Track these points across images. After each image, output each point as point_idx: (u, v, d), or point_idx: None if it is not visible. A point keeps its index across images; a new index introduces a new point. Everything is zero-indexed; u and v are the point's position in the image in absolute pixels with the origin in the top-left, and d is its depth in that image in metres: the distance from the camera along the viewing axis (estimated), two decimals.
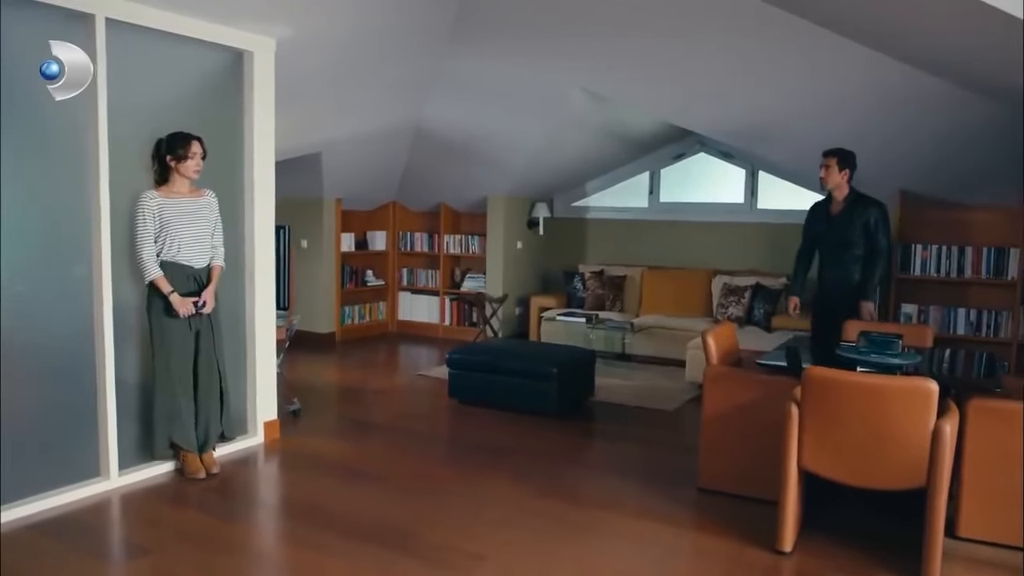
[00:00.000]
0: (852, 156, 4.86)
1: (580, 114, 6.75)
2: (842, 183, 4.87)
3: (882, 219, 4.84)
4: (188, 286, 4.14)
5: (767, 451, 3.81)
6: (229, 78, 4.61)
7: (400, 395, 6.39)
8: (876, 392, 3.09)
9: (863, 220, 4.82)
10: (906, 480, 3.11)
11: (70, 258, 3.97)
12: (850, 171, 4.86)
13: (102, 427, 4.03)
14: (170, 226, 4.05)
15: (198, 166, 4.11)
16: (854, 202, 4.90)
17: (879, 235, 4.82)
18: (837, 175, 4.84)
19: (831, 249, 4.99)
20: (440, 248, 8.95)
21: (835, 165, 4.83)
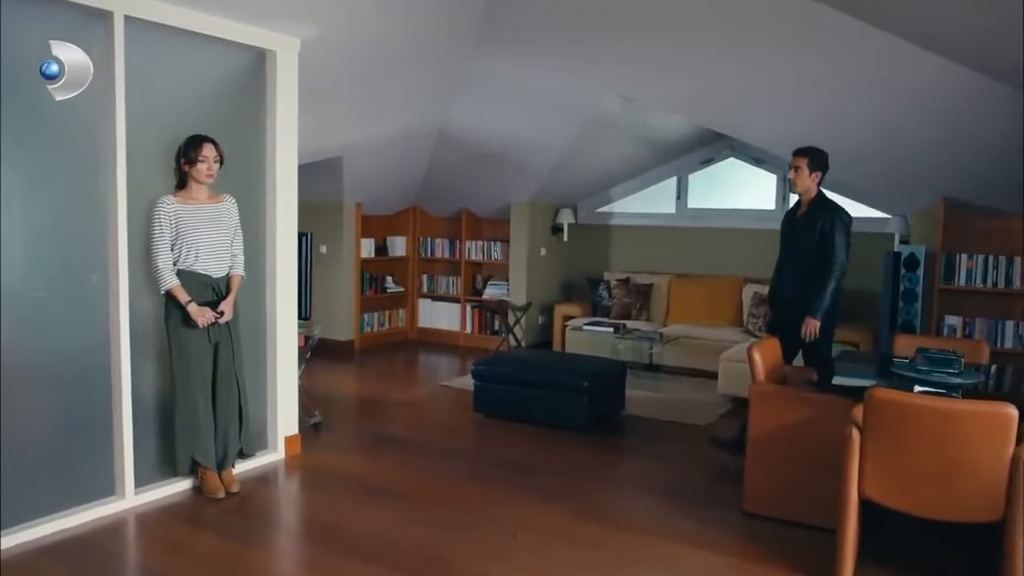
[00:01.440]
0: (824, 157, 4.53)
1: (610, 118, 6.54)
2: (811, 186, 4.54)
3: (839, 227, 4.42)
4: (206, 296, 3.95)
5: (819, 475, 3.61)
6: (251, 79, 4.43)
7: (423, 407, 6.19)
8: (949, 417, 2.86)
9: (819, 226, 4.46)
10: (981, 513, 2.88)
11: (87, 265, 3.80)
12: (821, 173, 4.53)
13: (118, 443, 3.85)
14: (186, 233, 3.86)
15: (210, 170, 3.91)
16: (816, 207, 4.55)
17: (833, 243, 4.40)
18: (807, 177, 4.51)
19: (791, 257, 4.69)
20: (461, 254, 8.76)
21: (805, 166, 4.50)
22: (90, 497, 3.79)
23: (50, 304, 3.66)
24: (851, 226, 4.50)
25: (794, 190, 4.62)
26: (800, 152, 4.55)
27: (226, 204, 4.07)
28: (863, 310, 7.02)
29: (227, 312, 3.99)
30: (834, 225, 4.40)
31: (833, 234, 4.40)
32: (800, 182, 4.54)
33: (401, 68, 5.56)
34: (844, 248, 4.42)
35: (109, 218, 3.76)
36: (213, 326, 3.94)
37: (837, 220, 4.42)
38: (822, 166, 4.52)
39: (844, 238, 4.42)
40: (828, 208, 4.50)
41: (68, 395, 3.77)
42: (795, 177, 4.55)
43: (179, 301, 3.84)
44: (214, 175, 3.94)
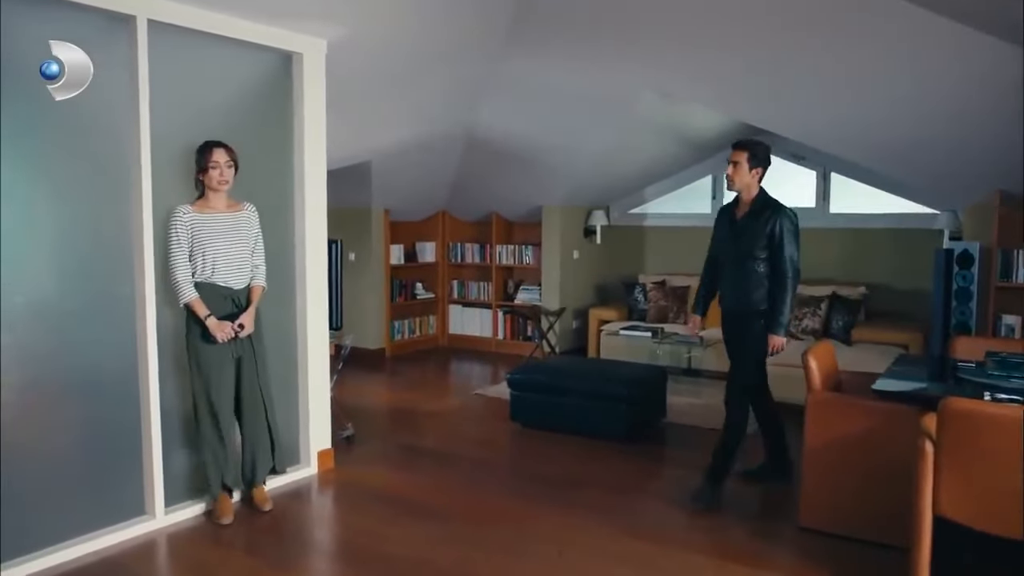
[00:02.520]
0: (765, 151, 4.11)
1: (645, 117, 6.35)
2: (751, 183, 4.06)
3: (790, 229, 3.96)
4: (226, 308, 3.77)
5: (881, 488, 3.40)
6: (278, 82, 4.30)
7: (458, 417, 6.02)
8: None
9: (767, 229, 3.96)
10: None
11: (113, 276, 3.67)
12: (762, 169, 4.07)
13: (147, 460, 3.73)
14: (203, 244, 3.70)
15: (222, 176, 3.72)
16: (761, 207, 4.05)
17: (784, 248, 3.94)
18: (747, 174, 4.04)
19: (730, 262, 4.16)
20: (492, 259, 8.59)
21: (745, 161, 4.04)
22: (120, 517, 3.66)
23: (79, 317, 3.55)
24: (799, 226, 4.06)
25: (731, 187, 4.13)
26: (739, 145, 4.11)
27: (246, 212, 3.90)
28: (910, 310, 6.76)
29: (247, 325, 3.81)
30: (784, 228, 3.95)
31: (784, 239, 3.94)
32: (739, 179, 4.06)
33: (430, 70, 5.41)
34: (797, 251, 4.01)
35: (134, 228, 3.65)
36: (234, 340, 3.77)
37: (787, 222, 3.97)
38: (763, 161, 4.07)
39: (795, 241, 4.00)
40: (776, 209, 4.01)
41: (96, 411, 3.65)
42: (733, 173, 4.07)
43: (197, 315, 3.69)
44: (228, 181, 3.76)
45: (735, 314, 4.18)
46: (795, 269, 4.00)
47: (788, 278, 3.98)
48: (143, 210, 3.63)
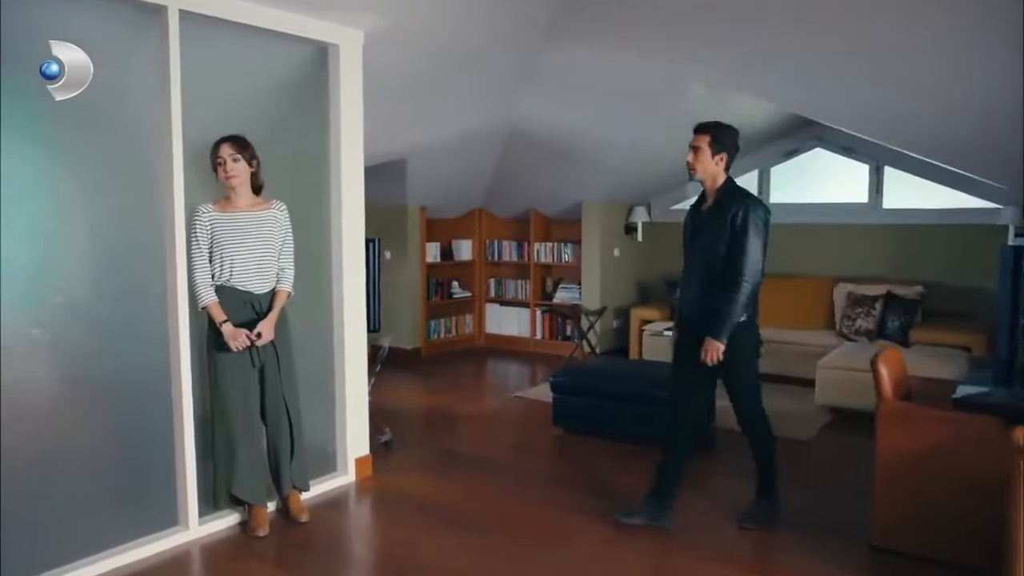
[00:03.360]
0: (731, 134, 3.58)
1: (690, 109, 6.06)
2: (716, 171, 3.55)
3: (754, 222, 3.42)
4: (245, 314, 3.57)
5: (963, 506, 3.14)
6: (313, 75, 4.14)
7: (498, 421, 5.83)
8: None
9: (730, 219, 3.45)
10: None
11: (145, 276, 3.53)
12: (727, 155, 3.55)
13: (180, 469, 3.58)
14: (222, 245, 3.51)
15: (229, 173, 3.50)
16: (727, 197, 3.54)
17: (744, 242, 3.40)
18: (709, 160, 3.52)
19: (694, 261, 3.65)
20: (530, 257, 8.39)
21: (706, 147, 3.52)
22: (152, 528, 3.52)
23: (112, 318, 3.42)
24: (769, 222, 3.52)
25: (692, 176, 3.61)
26: (699, 128, 3.60)
27: (272, 211, 3.66)
28: (970, 310, 6.44)
29: (265, 333, 3.57)
30: (748, 219, 3.41)
31: (747, 230, 3.40)
32: (701, 166, 3.54)
33: (470, 62, 5.22)
34: (760, 249, 3.45)
35: (166, 226, 3.50)
36: (253, 348, 3.56)
37: (752, 213, 3.43)
38: (729, 147, 3.56)
39: (760, 237, 3.44)
40: (742, 198, 3.51)
41: (129, 415, 3.51)
42: (693, 160, 3.55)
43: (215, 320, 3.52)
44: (237, 176, 3.53)
45: (698, 324, 3.58)
46: (754, 268, 3.43)
47: (742, 277, 3.40)
48: (175, 208, 3.48)
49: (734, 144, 3.60)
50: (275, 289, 3.67)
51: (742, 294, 3.42)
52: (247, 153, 3.55)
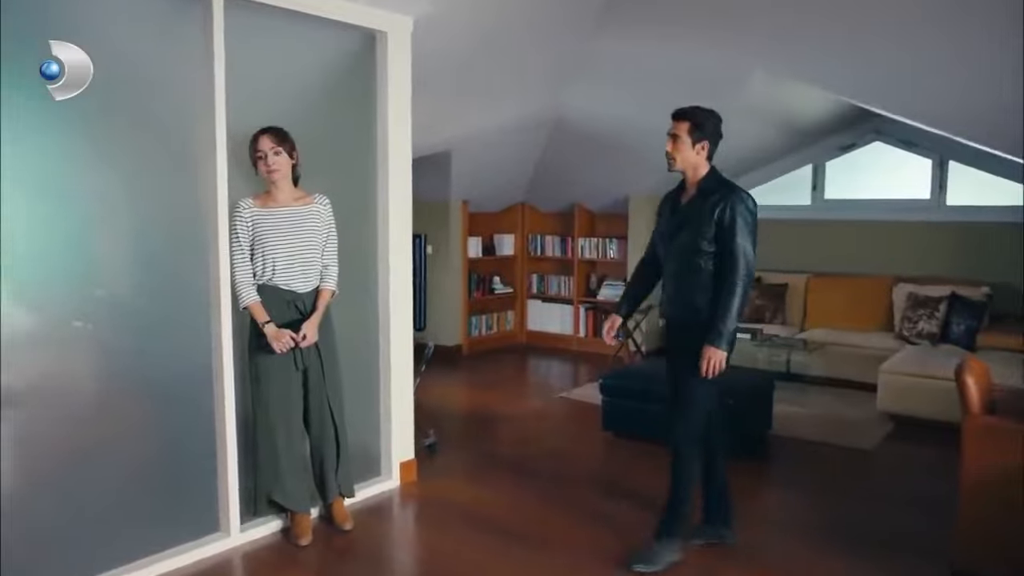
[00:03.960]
0: (712, 120, 3.26)
1: (747, 99, 5.83)
2: (698, 161, 3.26)
3: (743, 216, 3.14)
4: (288, 315, 3.41)
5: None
6: (360, 64, 3.97)
7: (544, 424, 5.64)
8: None
9: (714, 215, 3.16)
10: None
11: (188, 271, 3.40)
12: (709, 143, 3.26)
13: (222, 473, 3.45)
14: (263, 242, 3.35)
15: (271, 167, 3.34)
16: (709, 189, 3.25)
17: (734, 239, 3.13)
18: (690, 149, 3.24)
19: (673, 257, 3.34)
20: (574, 253, 8.18)
21: (686, 135, 3.24)
22: (193, 535, 3.39)
23: (154, 313, 3.30)
24: (757, 215, 3.22)
25: (672, 167, 3.33)
26: (678, 114, 3.30)
27: (315, 206, 3.50)
28: None
29: (310, 335, 3.41)
30: (736, 213, 3.13)
31: (735, 226, 3.12)
32: (680, 156, 3.27)
33: (519, 50, 5.04)
34: (752, 245, 3.18)
35: (209, 221, 3.36)
36: (297, 350, 3.41)
37: (740, 206, 3.14)
38: (711, 134, 3.26)
39: (750, 231, 3.17)
40: (727, 190, 3.21)
41: (169, 415, 3.40)
42: (672, 149, 3.28)
43: (256, 321, 3.36)
44: (279, 170, 3.36)
45: (680, 325, 3.37)
46: (748, 265, 3.14)
47: (737, 275, 3.13)
48: (218, 202, 3.34)
49: (716, 131, 3.29)
50: (319, 288, 3.51)
51: (737, 296, 3.13)
52: (287, 145, 3.40)
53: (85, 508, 3.06)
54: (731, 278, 3.13)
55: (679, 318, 3.38)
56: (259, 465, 3.46)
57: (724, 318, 3.14)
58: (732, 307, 3.14)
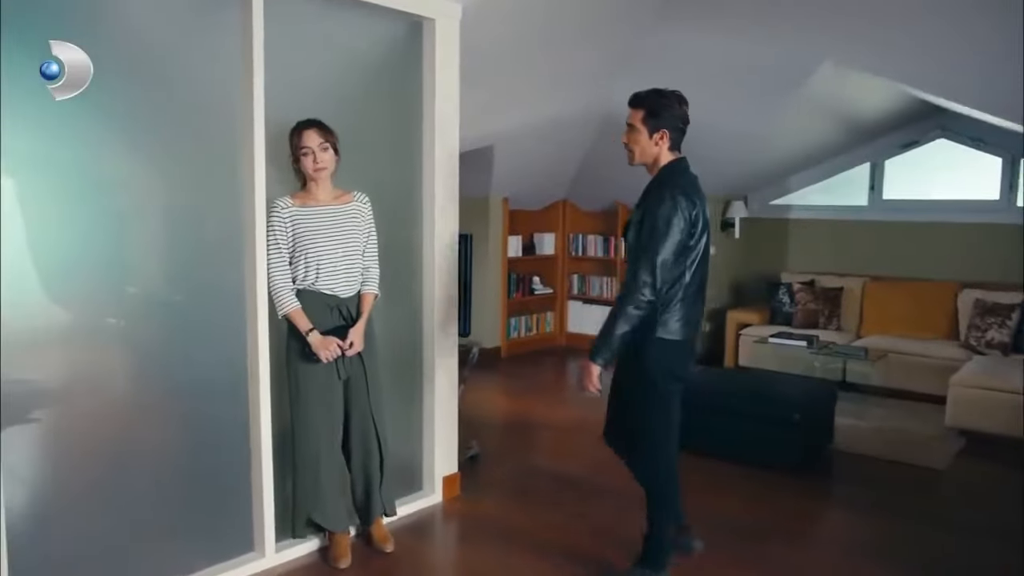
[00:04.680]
0: (671, 105, 2.85)
1: (811, 94, 5.52)
2: (657, 153, 2.87)
3: (663, 214, 2.73)
4: (331, 321, 3.17)
5: None
6: (405, 53, 3.73)
7: (589, 433, 5.34)
8: None
9: (641, 215, 2.83)
10: None
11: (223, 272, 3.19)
12: (668, 132, 2.85)
13: (256, 490, 3.22)
14: (305, 244, 3.11)
15: (317, 163, 3.09)
16: (653, 185, 2.89)
17: (641, 240, 2.77)
18: (647, 140, 2.86)
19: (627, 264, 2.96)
20: (616, 252, 7.88)
21: (640, 124, 2.86)
22: (226, 555, 3.18)
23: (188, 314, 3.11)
24: (697, 218, 2.80)
25: (631, 160, 2.95)
26: (633, 101, 2.90)
27: (355, 204, 3.26)
28: None
29: (357, 342, 3.18)
30: (655, 211, 2.74)
31: (651, 227, 2.73)
32: (638, 148, 2.89)
33: (571, 41, 4.78)
34: (658, 250, 2.72)
35: (246, 220, 3.13)
36: (341, 359, 3.17)
37: (659, 207, 2.74)
38: (669, 120, 2.84)
39: (667, 235, 2.73)
40: (663, 186, 2.82)
41: (200, 428, 3.20)
42: (628, 140, 2.91)
43: (299, 329, 3.11)
44: (326, 167, 3.12)
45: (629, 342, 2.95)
46: (641, 279, 2.72)
47: (625, 288, 2.76)
48: (255, 200, 3.11)
49: (678, 116, 2.87)
50: (360, 292, 3.28)
51: (627, 306, 2.74)
52: (334, 139, 3.16)
53: (112, 522, 2.88)
54: (627, 286, 2.78)
55: None
56: (298, 483, 3.23)
57: (604, 331, 2.80)
58: (616, 318, 2.77)
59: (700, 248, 2.89)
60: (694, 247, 2.84)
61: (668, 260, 2.76)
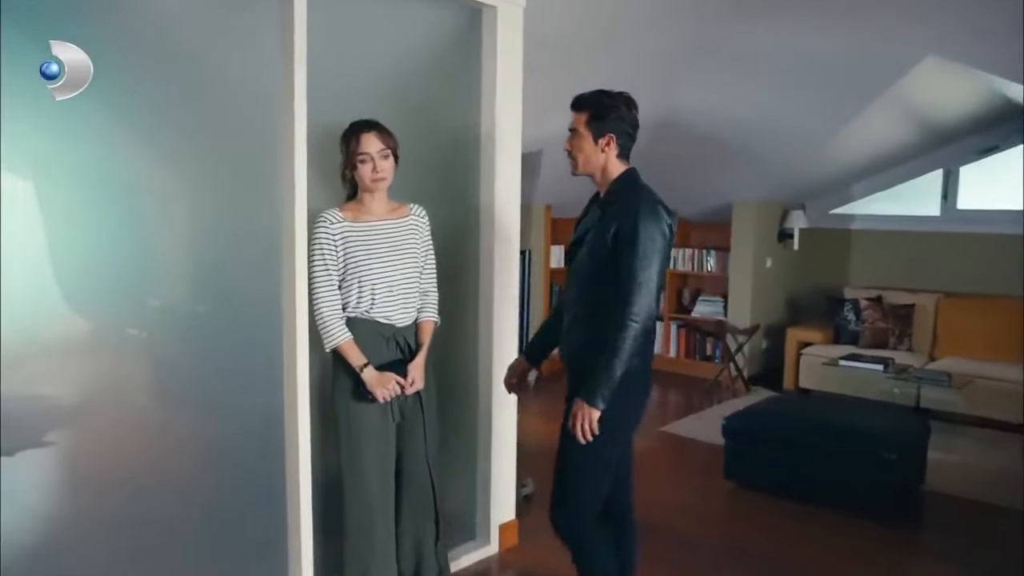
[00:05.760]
0: (617, 107, 2.51)
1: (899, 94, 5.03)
2: (604, 161, 2.54)
3: (646, 231, 2.37)
4: (387, 354, 2.72)
5: None
6: (462, 45, 3.30)
7: (650, 467, 4.85)
8: None
9: (612, 230, 2.44)
10: None
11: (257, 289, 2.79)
12: (618, 138, 2.51)
13: (293, 548, 2.79)
14: (359, 264, 2.67)
15: (377, 172, 2.66)
16: (611, 197, 2.54)
17: (629, 262, 2.38)
18: (591, 146, 2.52)
19: (571, 282, 2.67)
20: None
21: (584, 128, 2.53)
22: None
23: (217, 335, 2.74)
24: (672, 233, 2.47)
25: (575, 170, 2.63)
26: (575, 103, 2.58)
27: (412, 218, 2.82)
28: None
29: (418, 379, 2.74)
30: (636, 230, 2.38)
31: (634, 246, 2.37)
32: (582, 156, 2.56)
33: (635, 36, 4.33)
34: (654, 273, 2.39)
35: (284, 235, 2.71)
36: (396, 398, 2.72)
37: (642, 221, 2.38)
38: (615, 123, 2.51)
39: (655, 255, 2.39)
40: (631, 197, 2.48)
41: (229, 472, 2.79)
42: (571, 146, 2.59)
43: (351, 363, 2.66)
44: (386, 177, 2.69)
45: (570, 369, 2.66)
46: (646, 301, 2.37)
47: (629, 314, 2.35)
48: (295, 211, 2.68)
49: (625, 120, 2.52)
50: (418, 320, 2.83)
51: (627, 338, 2.36)
52: (393, 144, 2.72)
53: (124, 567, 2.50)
54: (622, 314, 2.36)
55: (568, 361, 2.67)
56: (349, 537, 2.76)
57: (604, 368, 2.39)
58: (619, 352, 2.37)
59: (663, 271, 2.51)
60: (662, 270, 2.48)
61: (655, 281, 2.41)
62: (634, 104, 2.56)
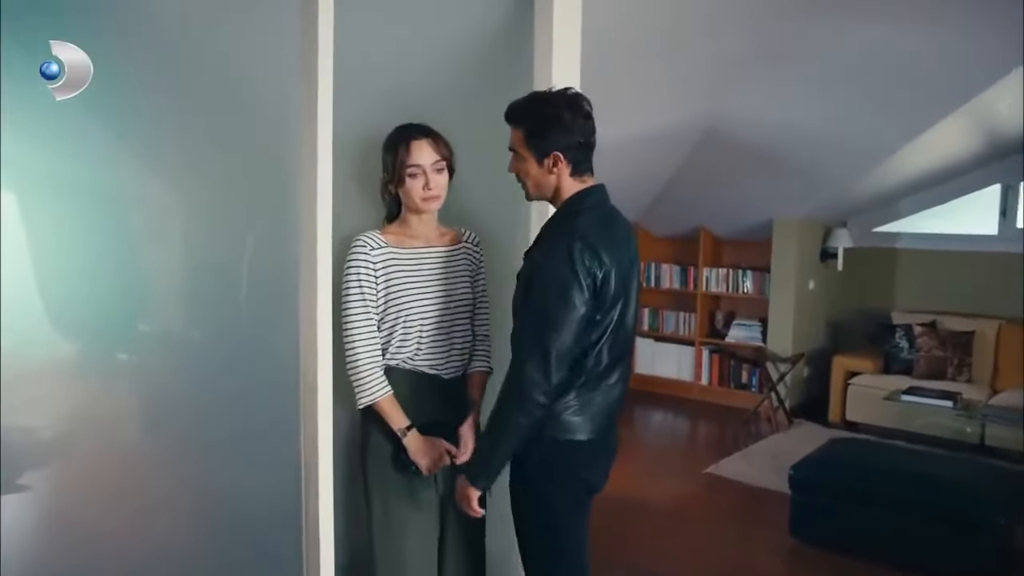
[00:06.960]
0: (563, 112, 2.02)
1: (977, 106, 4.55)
2: (553, 183, 2.07)
3: (552, 279, 1.95)
4: (432, 412, 2.22)
5: None
6: (510, 36, 2.79)
7: (695, 516, 4.39)
8: None
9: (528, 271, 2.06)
10: None
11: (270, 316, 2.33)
12: (565, 155, 2.03)
13: None
14: (402, 300, 2.18)
15: (431, 191, 2.18)
16: (541, 233, 2.15)
17: (523, 315, 2.02)
18: (535, 168, 2.06)
19: None
20: (696, 285, 6.93)
21: (524, 149, 2.07)
22: None
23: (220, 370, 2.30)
24: (608, 277, 1.97)
25: (528, 195, 2.17)
26: (509, 115, 2.11)
27: (464, 246, 2.34)
28: None
29: (470, 444, 2.23)
30: (545, 268, 1.98)
31: (544, 291, 1.96)
32: (530, 180, 2.10)
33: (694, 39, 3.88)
34: (557, 338, 1.93)
35: (304, 262, 2.19)
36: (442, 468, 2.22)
37: (551, 261, 1.97)
38: (561, 139, 2.03)
39: (563, 308, 1.93)
40: (550, 238, 2.07)
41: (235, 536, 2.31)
42: (516, 170, 2.14)
43: (390, 425, 2.15)
44: (440, 196, 2.22)
45: None
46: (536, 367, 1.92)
47: (513, 386, 1.96)
48: (317, 232, 2.15)
49: (572, 129, 2.04)
50: (468, 370, 2.32)
51: (513, 420, 1.95)
52: (448, 155, 2.24)
53: None
54: (508, 388, 1.97)
55: None
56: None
57: (487, 449, 2.05)
58: (500, 434, 1.99)
59: (613, 318, 2.03)
60: (602, 321, 2.00)
61: (566, 345, 1.94)
62: (581, 104, 2.07)
